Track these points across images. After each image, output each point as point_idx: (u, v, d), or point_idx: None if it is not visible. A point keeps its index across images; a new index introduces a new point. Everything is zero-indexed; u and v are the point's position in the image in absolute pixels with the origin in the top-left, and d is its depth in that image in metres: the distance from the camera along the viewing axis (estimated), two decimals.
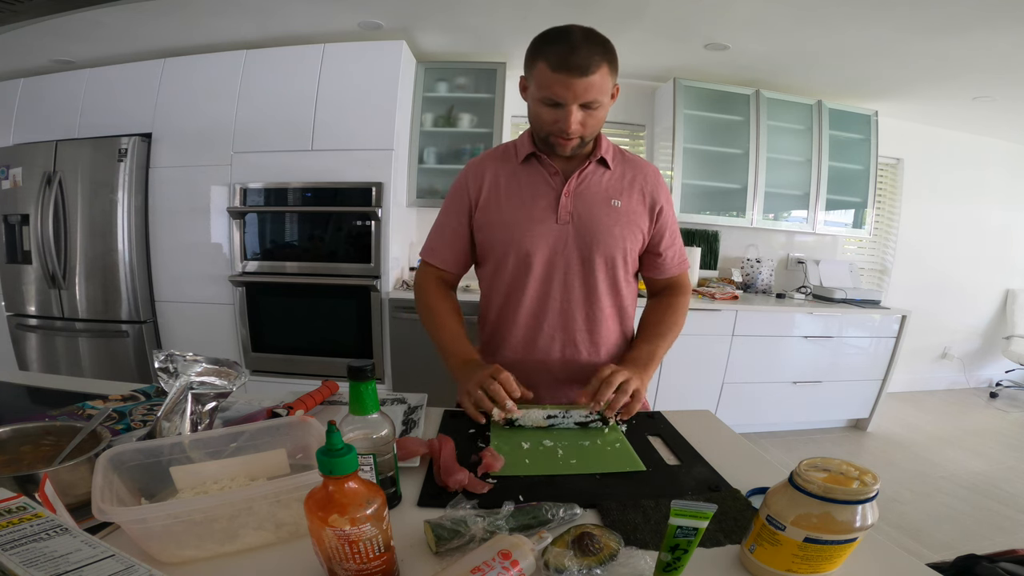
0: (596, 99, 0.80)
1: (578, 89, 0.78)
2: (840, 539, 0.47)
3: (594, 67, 0.77)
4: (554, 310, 0.97)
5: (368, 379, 0.55)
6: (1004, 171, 3.67)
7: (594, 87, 0.78)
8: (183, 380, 0.66)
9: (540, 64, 0.79)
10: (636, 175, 0.97)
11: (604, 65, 0.78)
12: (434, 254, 1.03)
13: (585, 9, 2.13)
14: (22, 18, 1.64)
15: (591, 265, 0.95)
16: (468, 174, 1.00)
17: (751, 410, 2.78)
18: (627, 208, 0.95)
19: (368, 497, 0.43)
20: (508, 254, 0.96)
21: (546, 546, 0.49)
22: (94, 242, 2.51)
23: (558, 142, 0.87)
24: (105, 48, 2.52)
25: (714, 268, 3.23)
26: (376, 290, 2.47)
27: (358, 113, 2.41)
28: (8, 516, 0.38)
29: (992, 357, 3.97)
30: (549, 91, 0.80)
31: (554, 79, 0.78)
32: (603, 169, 0.96)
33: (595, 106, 0.82)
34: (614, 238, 0.94)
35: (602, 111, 0.84)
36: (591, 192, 0.94)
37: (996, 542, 1.89)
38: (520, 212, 0.94)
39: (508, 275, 0.98)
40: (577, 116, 0.81)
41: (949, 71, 2.52)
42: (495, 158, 1.00)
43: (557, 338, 0.98)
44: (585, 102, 0.80)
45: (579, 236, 0.94)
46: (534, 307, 0.98)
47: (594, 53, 0.77)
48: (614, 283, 0.98)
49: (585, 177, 0.94)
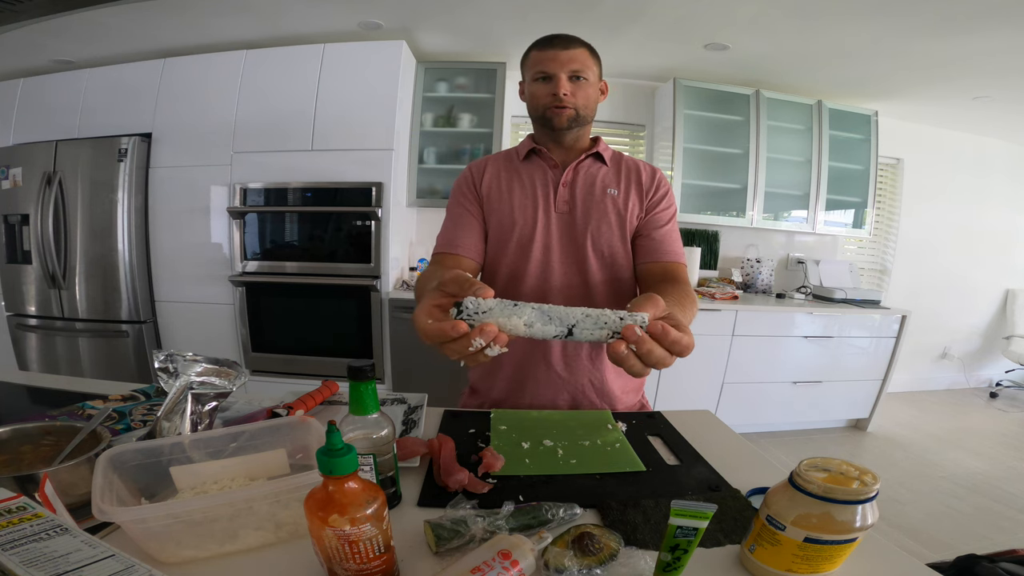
0: (581, 69, 0.90)
1: (563, 58, 0.89)
2: (840, 539, 0.47)
3: (575, 45, 0.90)
4: (553, 299, 0.97)
5: (368, 379, 0.55)
6: (1004, 171, 3.67)
7: (577, 59, 0.90)
8: (183, 380, 0.66)
9: (532, 53, 0.93)
10: (632, 169, 1.00)
11: (585, 48, 0.91)
12: (454, 244, 0.96)
13: (585, 9, 2.13)
14: (22, 18, 1.64)
15: (585, 253, 0.96)
16: (472, 170, 1.03)
17: (751, 410, 2.78)
18: (623, 196, 0.97)
19: (368, 497, 0.43)
20: (508, 241, 0.98)
21: (546, 546, 0.49)
22: (94, 242, 2.51)
23: (554, 114, 0.92)
24: (105, 48, 2.52)
25: (714, 268, 3.23)
26: (376, 290, 2.47)
27: (358, 113, 2.41)
28: (8, 516, 0.38)
29: (992, 357, 3.97)
30: (539, 66, 0.91)
31: (542, 56, 0.91)
32: (599, 164, 1.00)
33: (583, 76, 0.90)
34: (608, 225, 0.96)
35: (589, 88, 0.92)
36: (587, 182, 0.98)
37: (996, 542, 1.89)
38: (519, 201, 0.98)
39: (509, 262, 0.98)
40: (567, 84, 0.90)
41: (949, 71, 2.52)
42: (496, 158, 1.04)
43: None
44: (572, 71, 0.90)
45: (575, 224, 0.97)
46: (534, 295, 0.98)
47: (574, 39, 0.91)
48: (613, 272, 0.98)
49: (581, 169, 0.99)
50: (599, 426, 0.84)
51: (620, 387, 1.03)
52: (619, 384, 1.03)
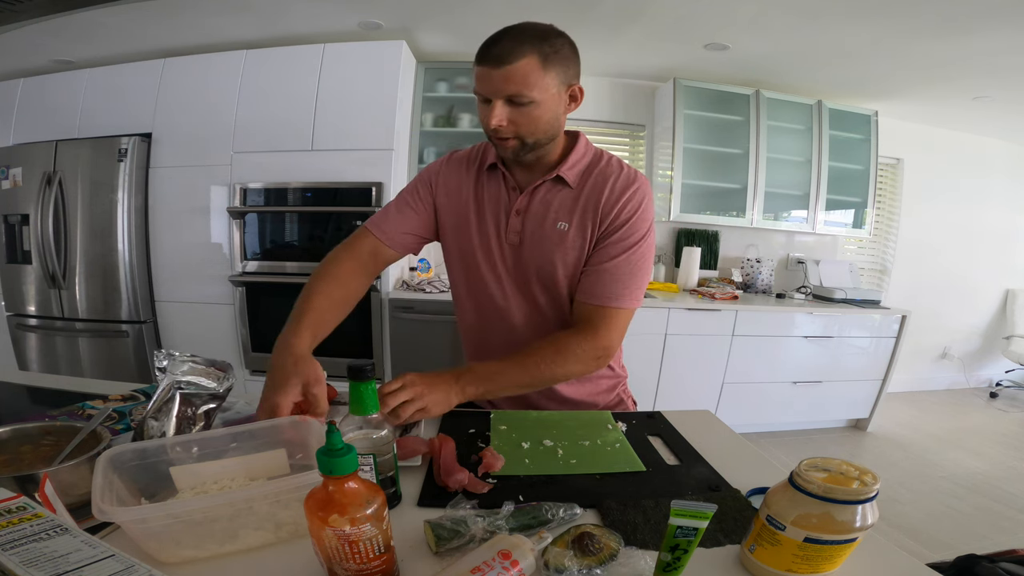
0: (520, 92, 0.71)
1: (496, 80, 0.71)
2: (840, 539, 0.47)
3: (514, 58, 0.70)
4: (501, 330, 0.94)
5: (368, 379, 0.55)
6: (1004, 171, 3.67)
7: (514, 79, 0.71)
8: (169, 379, 0.66)
9: (474, 63, 0.75)
10: (596, 192, 0.84)
11: (530, 57, 0.70)
12: (382, 229, 0.91)
13: (585, 9, 2.13)
14: (22, 18, 1.64)
15: (530, 289, 0.90)
16: (434, 171, 0.95)
17: (751, 410, 2.78)
18: (572, 233, 0.85)
19: (368, 497, 0.43)
20: (455, 266, 0.96)
21: (546, 546, 0.49)
22: (94, 242, 2.51)
23: (496, 144, 0.80)
24: (105, 48, 2.52)
25: (714, 268, 3.23)
26: (376, 290, 2.47)
27: (358, 113, 2.41)
28: (8, 516, 0.38)
29: (992, 357, 3.97)
30: (477, 86, 0.75)
31: (477, 72, 0.74)
32: (560, 187, 0.86)
33: (523, 101, 0.72)
34: (553, 263, 0.86)
35: (537, 109, 0.74)
36: (538, 212, 0.87)
37: (996, 542, 1.89)
38: (470, 227, 0.91)
39: (460, 287, 0.97)
40: (501, 111, 0.73)
41: (949, 71, 2.52)
42: (461, 162, 0.95)
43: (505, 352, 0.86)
44: (508, 95, 0.72)
45: (523, 257, 0.89)
46: (480, 324, 0.96)
47: (520, 44, 0.70)
48: (558, 303, 0.91)
49: (536, 195, 0.87)
50: (599, 426, 0.84)
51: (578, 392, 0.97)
52: (572, 390, 0.97)
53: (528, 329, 0.94)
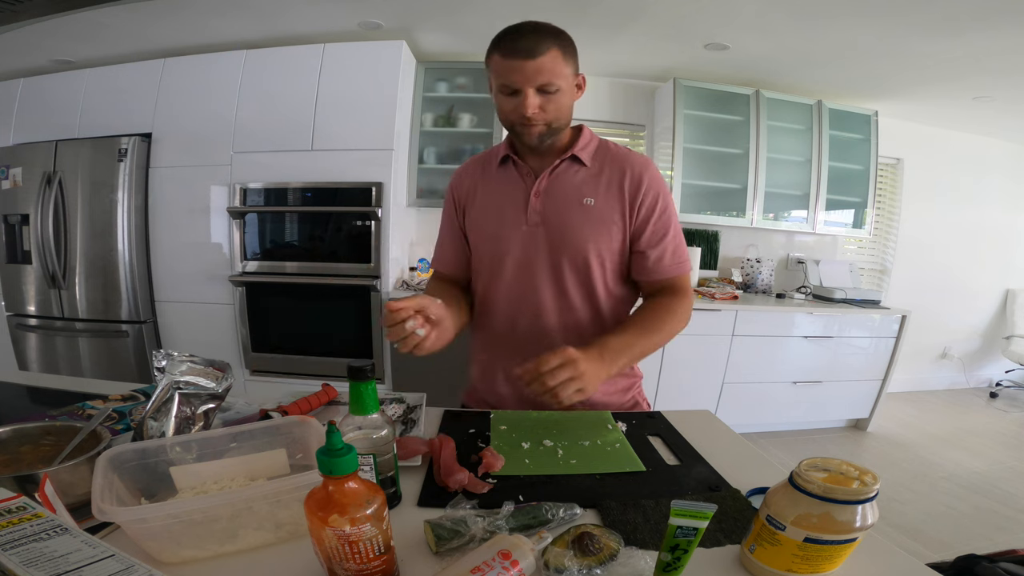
0: (550, 81, 0.80)
1: (529, 71, 0.79)
2: (840, 539, 0.47)
3: (543, 50, 0.78)
4: (527, 315, 0.94)
5: (368, 379, 0.55)
6: (1004, 171, 3.67)
7: (545, 69, 0.79)
8: (168, 379, 0.66)
9: (495, 56, 0.81)
10: (616, 170, 0.91)
11: (554, 49, 0.79)
12: (440, 261, 1.05)
13: (585, 9, 2.13)
14: (22, 18, 1.64)
15: (560, 268, 0.91)
16: (452, 182, 1.03)
17: (751, 410, 2.78)
18: (600, 206, 0.89)
19: (368, 497, 0.43)
20: (483, 259, 0.97)
21: (546, 546, 0.49)
22: (94, 242, 2.51)
23: (524, 131, 0.85)
24: (105, 48, 2.52)
25: (714, 268, 3.23)
26: (376, 290, 2.47)
27: (358, 113, 2.41)
28: (8, 516, 0.38)
29: (992, 357, 3.97)
30: (504, 79, 0.81)
31: (506, 66, 0.80)
32: (577, 166, 0.92)
33: (551, 89, 0.81)
34: (582, 239, 0.89)
35: (562, 96, 0.83)
36: (561, 191, 0.91)
37: (996, 542, 1.89)
38: (492, 216, 0.95)
39: (484, 280, 0.98)
40: (535, 100, 0.81)
41: (949, 71, 2.52)
42: (477, 163, 1.02)
43: (531, 346, 0.91)
44: (540, 85, 0.80)
45: (548, 238, 0.91)
46: (508, 312, 0.96)
47: (544, 37, 0.79)
48: (588, 287, 0.93)
49: (556, 176, 0.91)
50: (599, 426, 0.84)
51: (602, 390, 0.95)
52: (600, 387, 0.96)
53: (557, 317, 0.94)
